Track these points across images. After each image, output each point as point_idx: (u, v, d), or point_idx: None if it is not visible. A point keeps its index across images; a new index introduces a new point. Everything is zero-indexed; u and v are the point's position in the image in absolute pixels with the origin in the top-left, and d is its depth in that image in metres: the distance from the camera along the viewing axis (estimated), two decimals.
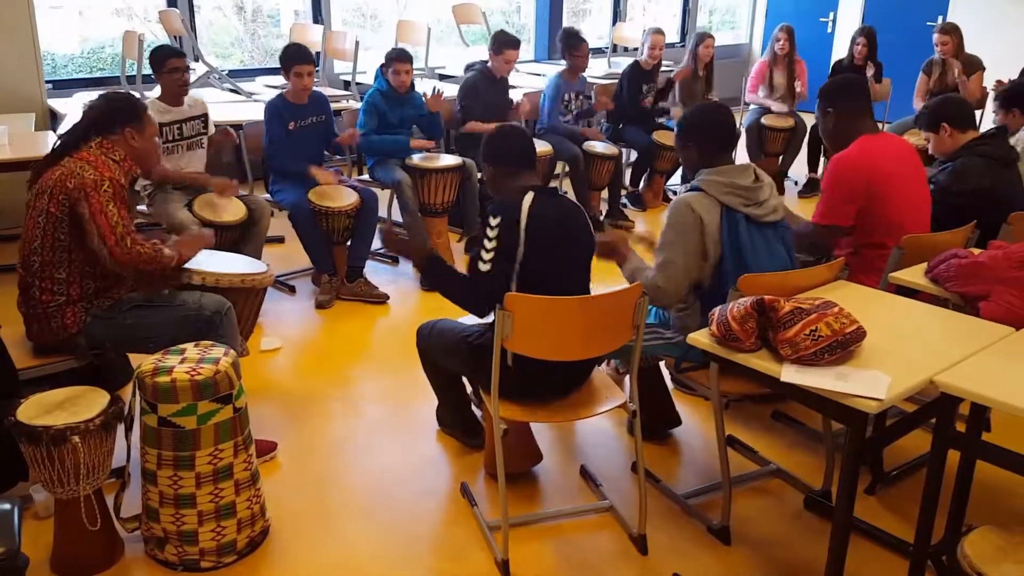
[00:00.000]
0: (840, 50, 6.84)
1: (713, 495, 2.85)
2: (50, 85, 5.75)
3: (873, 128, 3.23)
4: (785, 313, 2.10)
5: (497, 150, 2.78)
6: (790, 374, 2.04)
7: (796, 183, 6.92)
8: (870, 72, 6.36)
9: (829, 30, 9.43)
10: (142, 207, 4.35)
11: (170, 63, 4.09)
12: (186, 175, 4.16)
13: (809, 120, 6.66)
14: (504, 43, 5.18)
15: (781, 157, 6.70)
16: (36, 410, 2.36)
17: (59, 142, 2.82)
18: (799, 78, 6.57)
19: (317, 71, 4.62)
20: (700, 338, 2.25)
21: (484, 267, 2.54)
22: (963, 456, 2.32)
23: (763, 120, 6.55)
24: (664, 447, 3.21)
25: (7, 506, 1.62)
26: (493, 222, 2.54)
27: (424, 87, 5.46)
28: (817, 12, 9.54)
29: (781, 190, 6.71)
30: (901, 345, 2.20)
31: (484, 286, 2.55)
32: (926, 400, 2.45)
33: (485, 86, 5.29)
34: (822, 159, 6.52)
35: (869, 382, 1.96)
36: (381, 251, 5.08)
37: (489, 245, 2.53)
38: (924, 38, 6.61)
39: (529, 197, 2.58)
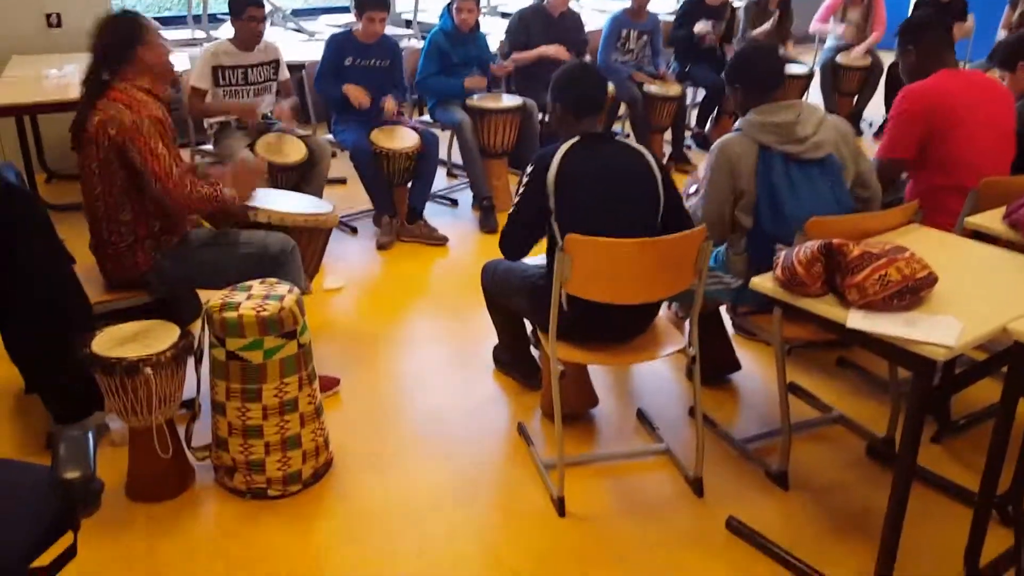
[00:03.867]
0: None
1: (772, 441, 2.83)
2: None
3: (954, 64, 3.12)
4: (854, 258, 2.04)
5: (563, 90, 2.67)
6: (857, 320, 1.99)
7: (871, 124, 6.67)
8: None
9: None
10: (208, 146, 4.44)
11: (249, 11, 4.11)
12: (220, 107, 4.20)
13: (886, 59, 6.40)
14: None
15: (856, 97, 6.46)
16: (110, 342, 2.45)
17: (84, 88, 2.79)
18: (874, 14, 6.28)
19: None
20: (763, 282, 2.21)
21: (511, 212, 2.61)
22: None
23: (838, 59, 6.31)
24: (723, 392, 3.19)
25: (82, 433, 1.69)
26: (528, 169, 2.56)
27: (487, 26, 5.39)
28: None
29: (857, 132, 6.48)
30: (974, 292, 2.13)
31: (508, 228, 2.64)
32: (998, 349, 2.37)
33: (538, 23, 5.13)
34: None
35: (939, 329, 1.90)
36: (440, 193, 5.09)
37: (520, 190, 2.57)
38: None
39: (565, 147, 2.52)
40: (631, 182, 2.57)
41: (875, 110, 6.60)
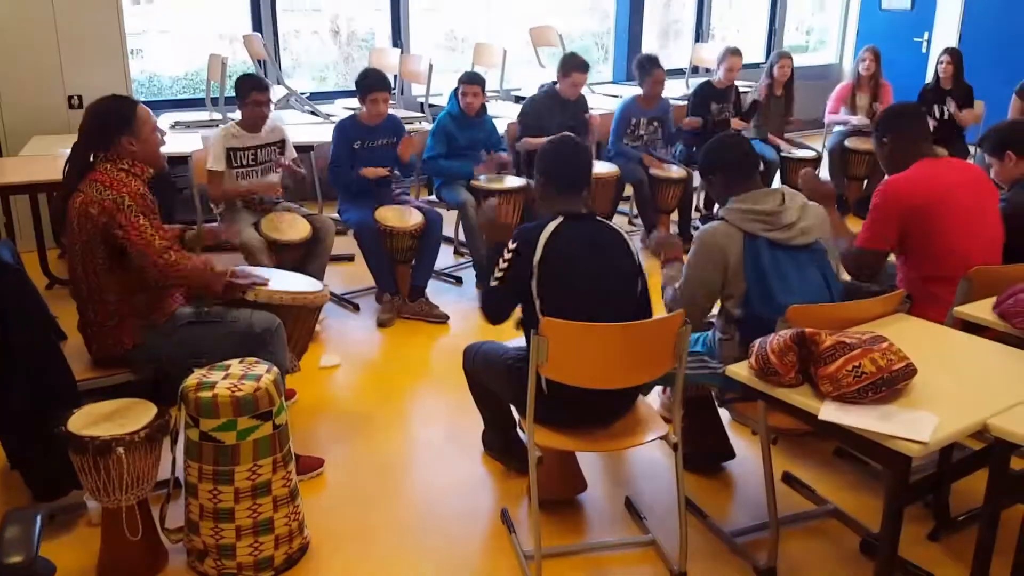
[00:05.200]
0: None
1: (763, 534, 2.73)
2: None
3: (932, 153, 3.12)
4: (826, 347, 2.01)
5: (548, 164, 2.72)
6: (829, 412, 1.94)
7: None
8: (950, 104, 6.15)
9: (924, 50, 9.07)
10: (216, 224, 4.50)
11: (252, 96, 4.22)
12: (246, 187, 4.28)
13: None
14: (572, 66, 5.15)
15: (866, 181, 6.45)
16: (85, 421, 2.45)
17: (67, 167, 2.81)
18: (881, 101, 6.34)
19: (394, 94, 4.68)
20: (739, 371, 2.17)
21: (494, 282, 2.60)
22: None
23: (846, 143, 6.34)
24: (716, 481, 3.10)
25: (27, 515, 1.67)
26: (511, 245, 2.55)
27: (496, 110, 5.49)
28: (911, 32, 9.19)
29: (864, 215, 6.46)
30: (957, 384, 2.07)
31: (491, 296, 2.64)
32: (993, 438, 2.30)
33: (548, 107, 5.23)
34: None
35: (913, 423, 1.84)
36: (445, 271, 5.11)
37: (502, 264, 2.56)
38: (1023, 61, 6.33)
39: (551, 227, 2.53)
40: (615, 262, 2.58)
41: None
